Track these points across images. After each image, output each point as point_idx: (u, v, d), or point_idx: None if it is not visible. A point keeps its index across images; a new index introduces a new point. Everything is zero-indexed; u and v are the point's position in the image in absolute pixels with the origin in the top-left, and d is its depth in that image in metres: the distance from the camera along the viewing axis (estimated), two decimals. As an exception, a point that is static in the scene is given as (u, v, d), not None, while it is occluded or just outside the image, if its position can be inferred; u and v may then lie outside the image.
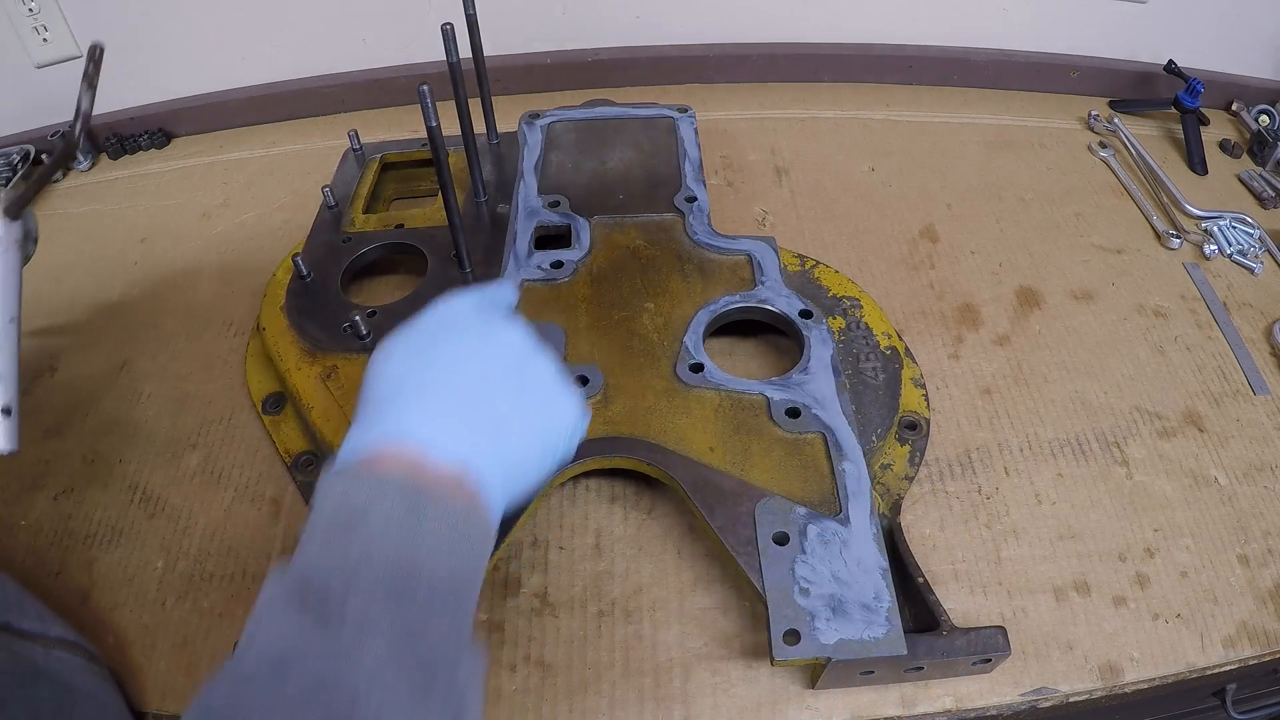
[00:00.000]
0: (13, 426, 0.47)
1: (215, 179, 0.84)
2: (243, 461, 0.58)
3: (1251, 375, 0.63)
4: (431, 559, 0.35)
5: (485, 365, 0.42)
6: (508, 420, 0.40)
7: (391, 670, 0.31)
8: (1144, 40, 0.91)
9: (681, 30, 0.92)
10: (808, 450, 0.51)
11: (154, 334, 0.68)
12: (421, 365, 0.41)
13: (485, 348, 0.42)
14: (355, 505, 0.36)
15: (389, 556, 0.34)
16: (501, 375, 0.42)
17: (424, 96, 0.51)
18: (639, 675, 0.47)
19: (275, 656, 0.31)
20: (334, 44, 0.89)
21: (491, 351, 0.42)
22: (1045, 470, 0.57)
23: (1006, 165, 0.83)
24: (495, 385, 0.41)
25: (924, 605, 0.46)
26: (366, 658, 0.31)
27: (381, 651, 0.32)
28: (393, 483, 0.36)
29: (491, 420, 0.40)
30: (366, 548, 0.34)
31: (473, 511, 0.38)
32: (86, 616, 0.51)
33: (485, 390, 0.41)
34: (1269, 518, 0.55)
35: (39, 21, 0.80)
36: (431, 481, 0.37)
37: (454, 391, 0.40)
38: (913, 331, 0.66)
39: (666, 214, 0.67)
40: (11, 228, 0.49)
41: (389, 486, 0.36)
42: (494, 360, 0.42)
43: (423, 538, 0.35)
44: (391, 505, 0.35)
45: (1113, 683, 0.47)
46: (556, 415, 0.43)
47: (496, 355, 0.42)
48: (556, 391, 0.44)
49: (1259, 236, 0.74)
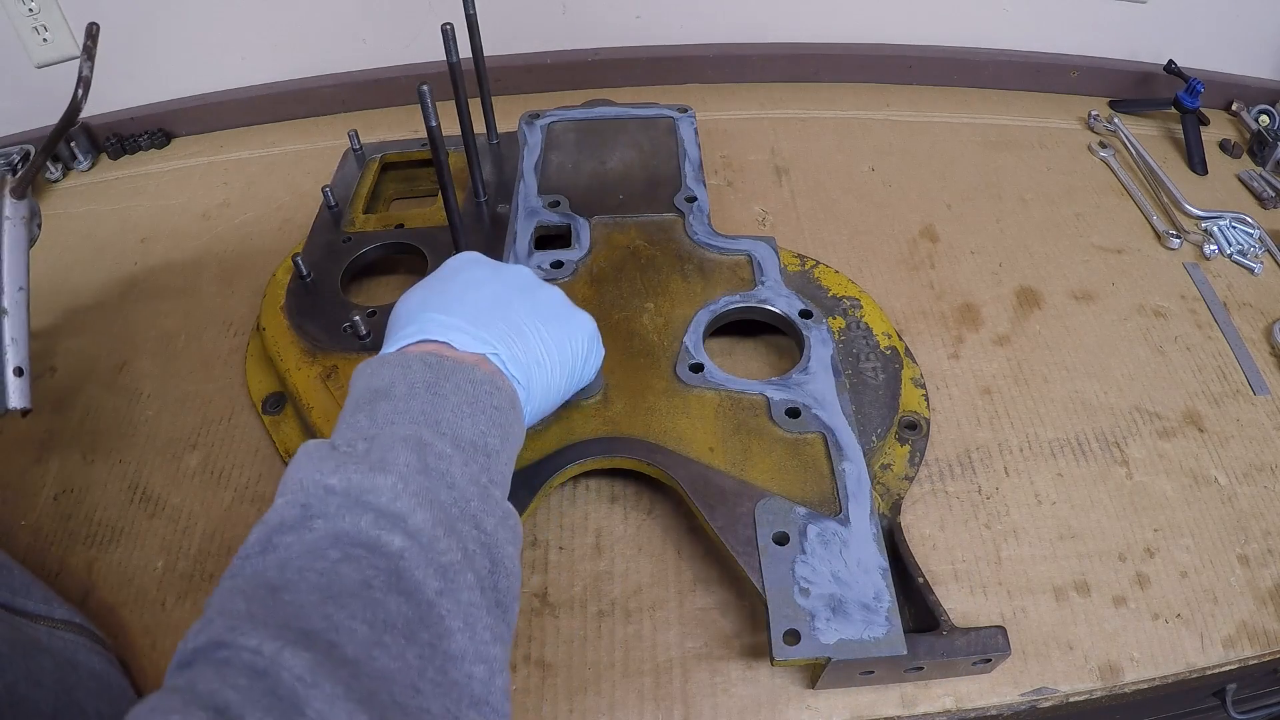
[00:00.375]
0: (24, 385, 0.52)
1: (215, 179, 0.84)
2: (243, 461, 0.58)
3: (1251, 375, 0.63)
4: (455, 416, 0.37)
5: (498, 288, 0.45)
6: (524, 328, 0.43)
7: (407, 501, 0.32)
8: (1144, 40, 0.91)
9: (681, 30, 0.92)
10: (808, 450, 0.51)
11: (154, 334, 0.68)
12: (440, 289, 0.44)
13: (497, 276, 0.46)
14: (383, 378, 0.38)
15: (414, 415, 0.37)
16: (515, 295, 0.45)
17: (424, 96, 0.51)
18: (639, 675, 0.47)
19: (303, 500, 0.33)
20: (334, 44, 0.89)
21: (503, 279, 0.46)
22: (1045, 470, 0.57)
23: (1006, 165, 0.83)
24: (509, 302, 0.44)
25: (924, 605, 0.46)
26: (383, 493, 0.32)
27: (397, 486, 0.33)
28: (416, 357, 0.39)
29: (509, 325, 0.43)
30: (392, 410, 0.37)
31: (497, 381, 0.40)
32: (86, 617, 0.50)
33: (500, 304, 0.44)
34: (1269, 518, 0.55)
35: (39, 21, 0.80)
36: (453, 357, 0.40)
37: (471, 306, 0.43)
38: (913, 331, 0.66)
39: (666, 214, 0.67)
40: (18, 206, 0.54)
41: (412, 360, 0.39)
42: (506, 285, 0.45)
43: (445, 397, 0.38)
44: (415, 374, 0.38)
45: (1113, 683, 0.47)
46: (571, 329, 0.46)
47: (508, 281, 0.46)
48: (569, 310, 0.47)
49: (1259, 236, 0.74)
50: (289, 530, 0.32)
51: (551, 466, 0.50)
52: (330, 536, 0.31)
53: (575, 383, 0.48)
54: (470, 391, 0.38)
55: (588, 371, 0.48)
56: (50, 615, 0.45)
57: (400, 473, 0.33)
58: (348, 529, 0.32)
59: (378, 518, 0.32)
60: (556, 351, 0.45)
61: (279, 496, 0.34)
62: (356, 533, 0.31)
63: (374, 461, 0.33)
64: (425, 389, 0.38)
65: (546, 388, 0.45)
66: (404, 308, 0.44)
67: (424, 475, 0.34)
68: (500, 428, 0.39)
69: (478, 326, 0.42)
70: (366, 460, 0.34)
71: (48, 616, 0.45)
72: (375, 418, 0.37)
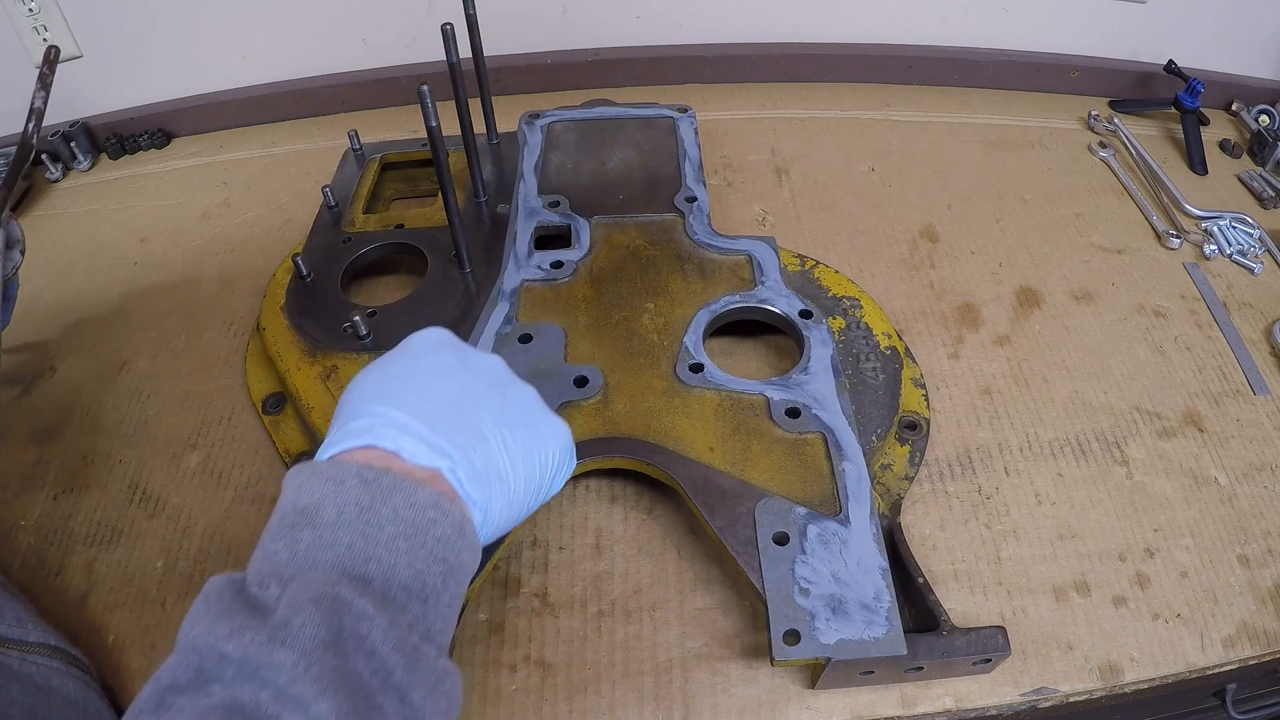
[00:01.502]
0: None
1: (215, 179, 0.84)
2: (243, 461, 0.58)
3: (1251, 375, 0.63)
4: (389, 553, 0.32)
5: (464, 381, 0.39)
6: (488, 434, 0.38)
7: (308, 686, 0.27)
8: (1144, 40, 0.91)
9: (681, 30, 0.92)
10: (808, 450, 0.51)
11: (154, 334, 0.68)
12: (397, 377, 0.38)
13: (464, 366, 0.40)
14: (312, 494, 0.33)
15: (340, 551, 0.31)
16: (482, 392, 0.39)
17: (424, 96, 0.51)
18: (639, 675, 0.47)
19: (197, 664, 0.28)
20: (334, 44, 0.89)
21: (472, 371, 0.40)
22: (1045, 470, 0.57)
23: (1006, 165, 0.83)
24: (475, 399, 0.38)
25: (924, 605, 0.46)
26: (282, 672, 0.28)
27: (298, 666, 0.28)
28: (353, 471, 0.33)
29: (471, 430, 0.37)
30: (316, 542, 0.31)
31: (445, 504, 0.34)
32: (86, 616, 0.51)
33: (463, 403, 0.38)
34: (1269, 518, 0.55)
35: (39, 21, 0.80)
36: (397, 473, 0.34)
37: (429, 403, 0.37)
38: (913, 331, 0.66)
39: (666, 214, 0.67)
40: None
41: (348, 475, 0.33)
42: (475, 378, 0.40)
43: (380, 527, 0.32)
44: (349, 495, 0.32)
45: (1113, 683, 0.47)
46: (543, 438, 0.40)
47: (477, 374, 0.40)
48: (542, 414, 0.41)
49: (1259, 236, 0.74)
50: (182, 692, 0.28)
51: (551, 466, 0.50)
52: (226, 708, 0.27)
53: (541, 498, 0.41)
54: (411, 519, 0.33)
55: (556, 485, 0.42)
56: (23, 639, 0.44)
57: (304, 648, 0.28)
58: (245, 701, 0.27)
59: (277, 694, 0.27)
60: (523, 465, 0.39)
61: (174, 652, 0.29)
62: (255, 707, 0.27)
63: (275, 628, 0.28)
64: (358, 514, 0.32)
65: (508, 505, 0.38)
66: (356, 391, 0.39)
67: (334, 651, 0.29)
68: (444, 562, 0.33)
69: (434, 429, 0.36)
70: (267, 626, 0.29)
71: (20, 640, 0.43)
72: (296, 549, 0.31)
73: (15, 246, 0.53)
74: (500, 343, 0.57)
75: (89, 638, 0.50)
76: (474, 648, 0.48)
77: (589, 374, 0.54)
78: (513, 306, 0.59)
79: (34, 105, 0.47)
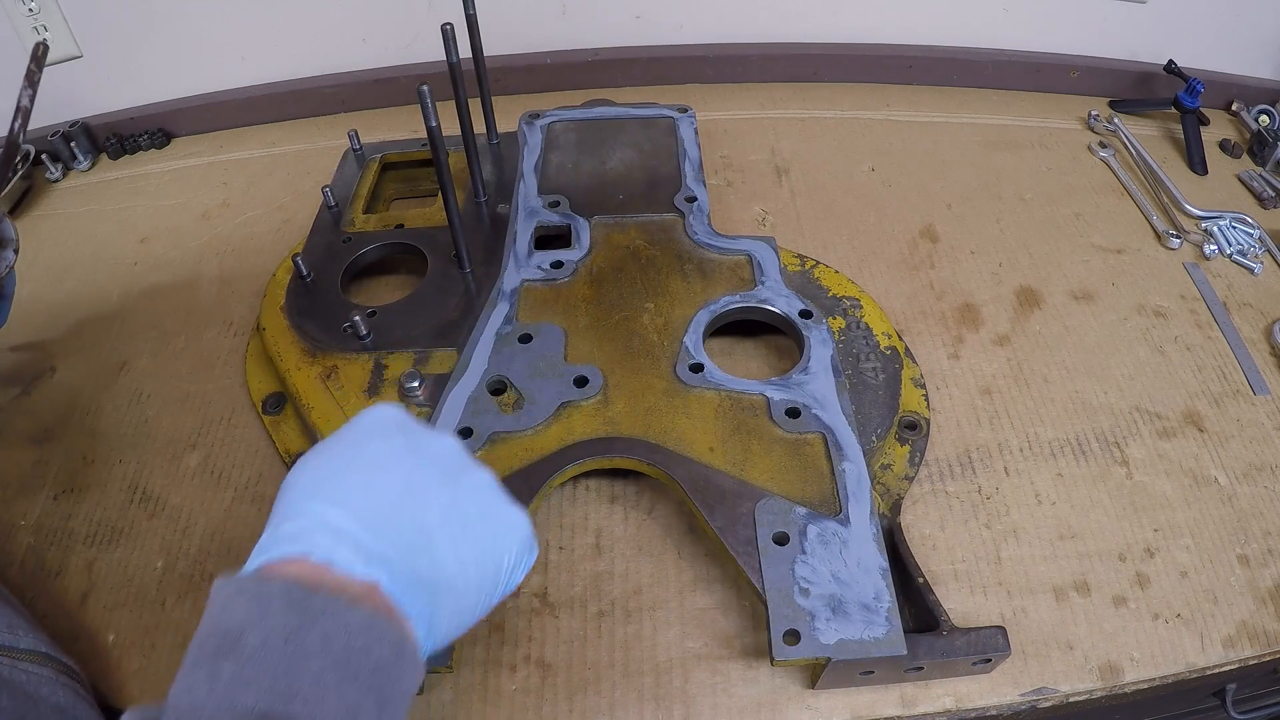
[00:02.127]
0: None
1: (215, 179, 0.84)
2: (243, 461, 0.58)
3: (1251, 375, 0.63)
4: (316, 689, 0.29)
5: (411, 471, 0.36)
6: (435, 536, 0.34)
7: None
8: (1144, 40, 0.91)
9: (681, 30, 0.92)
10: (808, 450, 0.51)
11: (154, 334, 0.68)
12: (337, 469, 0.35)
13: (413, 454, 0.37)
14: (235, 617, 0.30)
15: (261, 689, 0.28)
16: (431, 483, 0.36)
17: (424, 96, 0.51)
18: (639, 675, 0.47)
19: None
20: (334, 44, 0.89)
21: (421, 459, 0.37)
22: (1045, 470, 0.57)
23: (1006, 165, 0.83)
24: (423, 493, 0.35)
25: (924, 605, 0.46)
26: None
27: None
28: (280, 590, 0.30)
29: (415, 533, 0.34)
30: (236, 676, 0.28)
31: (380, 626, 0.31)
32: (86, 617, 0.51)
33: (409, 499, 0.35)
34: (1269, 518, 0.55)
35: (39, 21, 0.80)
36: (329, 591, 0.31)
37: (370, 500, 0.34)
38: (913, 331, 0.66)
39: (666, 214, 0.67)
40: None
41: (274, 596, 0.30)
42: (423, 467, 0.36)
43: (307, 659, 0.29)
44: (274, 620, 0.29)
45: (1113, 683, 0.47)
46: (498, 535, 0.37)
47: (425, 463, 0.36)
48: (498, 506, 0.38)
49: (1259, 236, 0.74)
50: None
51: (551, 466, 0.50)
52: None
53: (497, 597, 0.38)
54: (342, 646, 0.29)
55: (515, 580, 0.38)
56: (14, 646, 0.43)
57: None
58: None
59: None
60: (475, 566, 0.35)
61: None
62: None
63: None
64: (283, 643, 0.29)
65: (456, 613, 0.35)
66: (293, 484, 0.35)
67: None
68: (377, 692, 0.30)
69: (374, 533, 0.33)
70: None
71: (10, 647, 0.43)
72: (215, 685, 0.28)
73: (8, 246, 0.53)
74: (500, 343, 0.57)
75: (89, 638, 0.50)
76: (474, 648, 0.48)
77: (589, 374, 0.54)
78: (513, 306, 0.60)
79: (20, 103, 0.46)
